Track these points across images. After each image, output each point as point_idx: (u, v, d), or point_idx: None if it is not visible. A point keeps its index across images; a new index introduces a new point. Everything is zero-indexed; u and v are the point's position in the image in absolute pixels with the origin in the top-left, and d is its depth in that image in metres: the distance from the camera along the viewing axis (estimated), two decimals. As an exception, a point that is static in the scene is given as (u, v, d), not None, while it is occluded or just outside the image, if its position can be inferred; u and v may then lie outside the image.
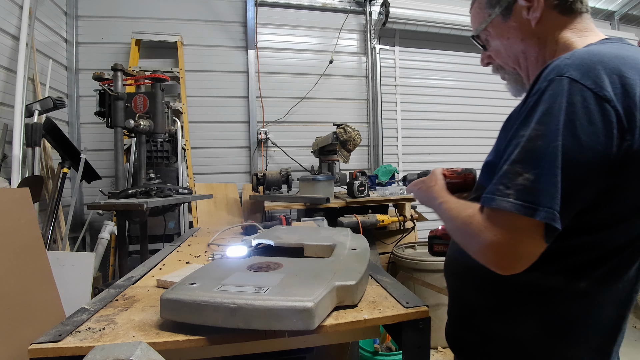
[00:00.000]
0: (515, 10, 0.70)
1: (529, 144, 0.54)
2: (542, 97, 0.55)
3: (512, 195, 0.53)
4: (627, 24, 4.59)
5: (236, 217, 3.07)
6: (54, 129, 2.29)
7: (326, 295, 0.61)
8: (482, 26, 0.77)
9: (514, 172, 0.54)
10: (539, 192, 0.51)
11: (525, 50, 0.71)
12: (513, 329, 0.66)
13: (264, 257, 0.86)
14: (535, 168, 0.52)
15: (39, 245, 1.56)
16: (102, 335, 0.59)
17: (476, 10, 0.80)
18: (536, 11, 0.67)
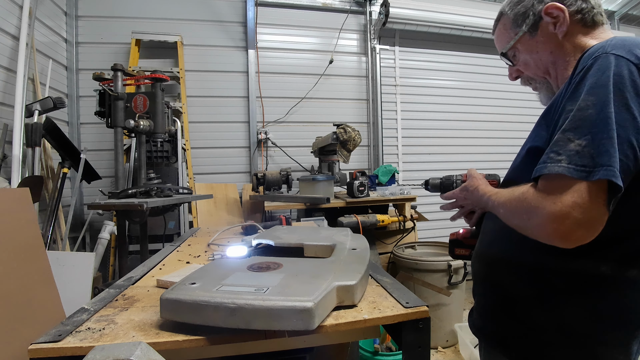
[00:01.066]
0: (541, 26, 0.76)
1: (579, 113, 0.55)
2: (588, 73, 0.57)
3: (565, 160, 0.53)
4: (627, 24, 4.59)
5: (236, 217, 3.07)
6: (54, 129, 2.29)
7: (326, 295, 0.61)
8: (510, 44, 0.81)
9: (564, 140, 0.55)
10: (593, 154, 0.52)
11: (554, 60, 0.76)
12: (560, 318, 0.65)
13: (264, 257, 0.86)
14: (587, 134, 0.53)
15: (39, 245, 1.56)
16: (102, 335, 0.59)
17: (501, 31, 0.85)
18: (562, 26, 0.72)
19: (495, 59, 3.95)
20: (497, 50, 0.89)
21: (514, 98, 4.01)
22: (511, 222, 0.65)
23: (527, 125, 4.00)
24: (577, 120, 0.55)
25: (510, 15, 0.81)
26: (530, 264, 0.66)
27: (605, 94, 0.53)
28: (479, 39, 3.70)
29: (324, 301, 0.60)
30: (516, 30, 0.80)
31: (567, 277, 0.64)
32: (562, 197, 0.53)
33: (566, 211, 0.52)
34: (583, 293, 0.63)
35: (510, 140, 4.00)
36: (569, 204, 0.52)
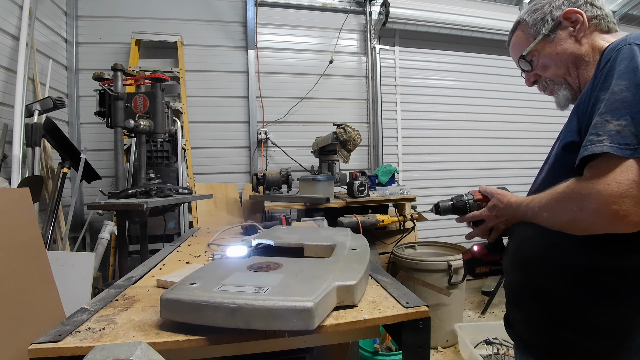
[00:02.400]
0: (560, 29, 0.80)
1: (614, 97, 0.55)
2: (615, 63, 0.59)
3: (607, 140, 0.53)
4: (627, 24, 4.59)
5: (236, 217, 3.07)
6: (54, 129, 2.29)
7: (326, 295, 0.61)
8: (531, 47, 0.84)
9: (602, 123, 0.55)
10: (635, 133, 0.52)
11: (574, 60, 0.78)
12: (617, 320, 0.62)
13: (264, 257, 0.86)
14: (626, 115, 0.53)
15: (39, 245, 1.56)
16: (102, 335, 0.59)
17: (519, 37, 0.88)
18: (582, 28, 0.77)
19: (495, 59, 3.96)
20: (513, 58, 0.91)
21: (514, 98, 4.01)
22: (559, 221, 0.62)
23: (527, 125, 4.00)
24: (612, 102, 0.55)
25: (530, 21, 0.84)
26: (577, 265, 0.64)
27: (637, 77, 0.55)
28: (479, 39, 3.70)
29: (324, 301, 0.60)
30: (535, 35, 0.83)
31: (620, 275, 0.61)
32: (615, 177, 0.51)
33: (623, 190, 0.51)
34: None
35: (510, 140, 4.00)
36: (625, 182, 0.51)
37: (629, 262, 0.60)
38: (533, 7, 0.85)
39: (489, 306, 2.98)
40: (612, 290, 0.63)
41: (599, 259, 0.63)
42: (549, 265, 0.71)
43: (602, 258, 0.63)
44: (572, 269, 0.66)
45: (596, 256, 0.64)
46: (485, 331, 2.28)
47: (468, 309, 3.07)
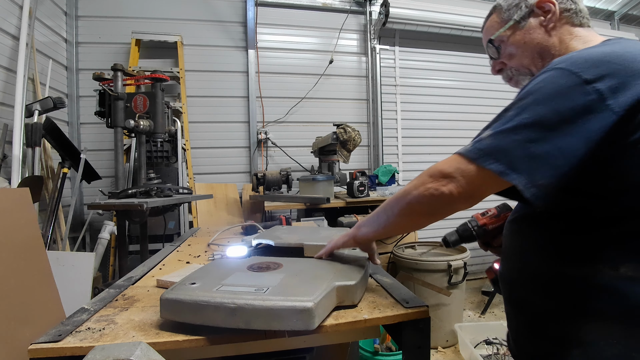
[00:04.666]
0: (532, 18, 0.78)
1: (505, 111, 0.63)
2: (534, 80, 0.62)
3: (470, 144, 0.62)
4: (627, 24, 4.59)
5: (236, 217, 3.07)
6: (54, 129, 2.29)
7: (326, 295, 0.61)
8: (500, 31, 0.82)
9: (483, 130, 0.63)
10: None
11: (541, 52, 0.77)
12: (584, 328, 0.61)
13: (264, 257, 0.86)
14: (493, 127, 0.61)
15: (39, 245, 1.56)
16: (102, 335, 0.59)
17: (491, 22, 0.86)
18: (552, 18, 0.76)
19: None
20: (484, 44, 0.90)
21: (514, 98, 4.00)
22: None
23: (527, 125, 4.00)
24: (501, 116, 0.64)
25: (504, 6, 0.83)
26: (545, 274, 0.65)
27: (532, 99, 0.59)
28: (479, 39, 3.69)
29: (324, 301, 0.60)
30: (507, 20, 0.81)
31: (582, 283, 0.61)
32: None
33: None
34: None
35: (510, 140, 3.99)
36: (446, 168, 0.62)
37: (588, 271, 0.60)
38: None
39: (489, 306, 2.98)
40: (575, 299, 0.62)
41: (562, 268, 0.64)
42: (524, 276, 0.71)
43: (564, 267, 0.64)
44: (541, 279, 0.66)
45: (559, 265, 0.64)
46: (485, 331, 2.28)
47: (468, 309, 3.07)
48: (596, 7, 4.32)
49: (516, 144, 0.56)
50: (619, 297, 0.58)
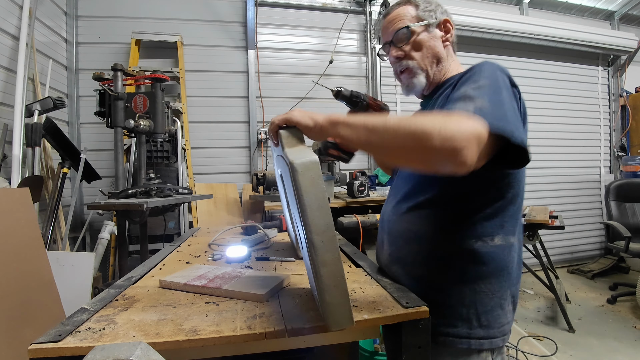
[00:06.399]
0: (437, 30, 0.93)
1: (479, 88, 0.68)
2: (480, 69, 0.75)
3: (473, 108, 0.63)
4: (627, 24, 4.59)
5: (236, 217, 3.07)
6: (54, 129, 2.29)
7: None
8: (416, 25, 0.91)
9: (470, 98, 0.66)
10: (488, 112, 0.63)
11: (437, 57, 0.92)
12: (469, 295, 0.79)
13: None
14: (485, 99, 0.65)
15: (39, 245, 1.56)
16: (102, 335, 0.59)
17: (408, 10, 0.94)
18: (448, 40, 0.94)
19: (495, 59, 3.96)
20: (387, 27, 0.96)
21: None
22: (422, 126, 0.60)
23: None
24: (478, 89, 0.68)
25: (421, 6, 0.93)
26: (446, 252, 0.80)
27: (495, 81, 0.70)
28: (479, 39, 3.70)
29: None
30: (421, 18, 0.91)
31: (472, 255, 0.78)
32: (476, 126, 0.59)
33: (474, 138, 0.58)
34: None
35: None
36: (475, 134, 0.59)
37: (475, 244, 0.77)
38: None
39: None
40: (467, 268, 0.78)
41: (459, 244, 0.78)
42: (423, 256, 0.82)
43: (460, 243, 0.78)
44: (441, 257, 0.80)
45: (457, 242, 0.79)
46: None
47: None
48: (596, 7, 4.32)
49: (511, 112, 0.65)
50: (494, 259, 0.78)
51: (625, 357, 2.19)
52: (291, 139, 0.65)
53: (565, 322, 2.59)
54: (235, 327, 0.61)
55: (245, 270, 0.91)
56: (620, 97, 4.50)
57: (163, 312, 0.69)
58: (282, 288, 0.81)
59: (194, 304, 0.73)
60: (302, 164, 0.54)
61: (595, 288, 3.48)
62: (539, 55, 4.10)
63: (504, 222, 0.80)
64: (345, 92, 0.94)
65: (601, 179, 4.48)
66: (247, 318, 0.64)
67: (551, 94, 4.18)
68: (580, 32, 3.95)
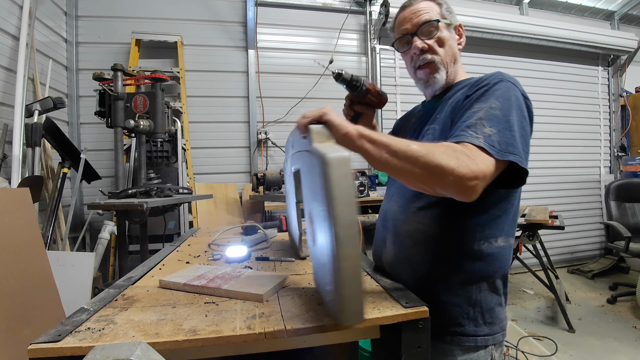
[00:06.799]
0: (454, 32, 0.96)
1: (490, 111, 0.73)
2: (493, 87, 0.77)
3: (482, 138, 0.69)
4: (627, 24, 4.59)
5: (236, 217, 3.07)
6: (54, 129, 2.29)
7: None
8: (444, 21, 0.92)
9: (480, 125, 0.71)
10: (497, 140, 0.69)
11: (454, 57, 0.96)
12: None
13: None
14: (495, 126, 0.70)
15: (39, 245, 1.56)
16: (102, 335, 0.59)
17: (435, 5, 0.94)
18: (461, 44, 0.98)
19: (495, 59, 3.97)
20: (413, 16, 0.93)
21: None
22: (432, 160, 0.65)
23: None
24: (488, 114, 0.72)
25: (444, 5, 0.95)
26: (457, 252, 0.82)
27: (508, 104, 0.74)
28: (479, 39, 3.70)
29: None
30: (444, 16, 0.93)
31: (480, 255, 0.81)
32: (484, 162, 0.66)
33: (483, 173, 0.65)
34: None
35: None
36: (485, 169, 0.66)
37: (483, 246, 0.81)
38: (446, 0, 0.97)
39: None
40: (475, 268, 0.81)
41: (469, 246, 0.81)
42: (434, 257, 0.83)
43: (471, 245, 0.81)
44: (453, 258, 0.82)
45: (468, 244, 0.81)
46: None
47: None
48: (596, 7, 4.32)
49: (518, 135, 0.71)
50: (498, 259, 0.82)
51: (625, 357, 2.19)
52: (321, 135, 0.66)
53: (565, 322, 2.59)
54: (234, 327, 0.61)
55: (245, 270, 0.91)
56: (620, 97, 4.50)
57: (163, 312, 0.69)
58: (281, 288, 0.81)
59: (194, 304, 0.73)
60: (335, 158, 0.55)
61: (595, 288, 3.48)
62: (539, 55, 4.10)
63: (506, 223, 0.83)
64: (345, 76, 0.94)
65: (601, 179, 4.48)
66: (247, 318, 0.64)
67: (551, 94, 4.18)
68: (580, 32, 3.95)
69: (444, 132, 0.83)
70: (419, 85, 0.99)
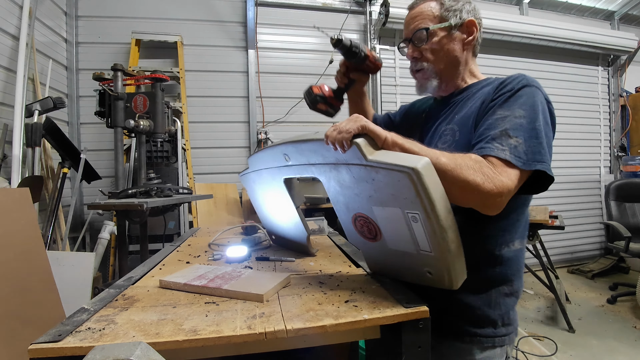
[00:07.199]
0: (459, 31, 0.90)
1: (515, 119, 0.72)
2: (517, 93, 0.76)
3: (507, 150, 0.69)
4: (627, 24, 4.59)
5: (236, 217, 3.07)
6: (54, 129, 2.29)
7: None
8: (438, 26, 0.88)
9: (505, 135, 0.71)
10: (524, 151, 0.70)
11: (454, 63, 0.91)
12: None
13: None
14: (521, 136, 0.70)
15: (39, 245, 1.56)
16: (102, 335, 0.59)
17: (432, 8, 0.90)
18: (469, 44, 0.91)
19: (495, 59, 3.96)
20: (409, 22, 0.92)
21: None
22: (458, 176, 0.67)
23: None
24: (513, 123, 0.72)
25: (446, 4, 0.89)
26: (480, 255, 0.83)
27: (533, 112, 0.73)
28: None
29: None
30: (444, 19, 0.88)
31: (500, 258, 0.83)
32: (509, 176, 0.68)
33: (508, 188, 0.68)
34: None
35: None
36: (510, 183, 0.68)
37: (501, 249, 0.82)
38: None
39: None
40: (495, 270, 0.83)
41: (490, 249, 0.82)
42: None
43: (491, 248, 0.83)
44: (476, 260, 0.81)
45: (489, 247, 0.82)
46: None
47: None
48: (596, 7, 4.32)
49: (544, 143, 0.72)
50: (515, 262, 0.84)
51: (625, 357, 2.19)
52: (370, 147, 0.67)
53: (565, 322, 2.59)
54: (235, 327, 0.61)
55: (245, 270, 0.91)
56: (620, 97, 4.50)
57: (163, 312, 0.69)
58: (282, 288, 0.81)
59: (194, 303, 0.73)
60: (423, 167, 0.59)
61: (595, 288, 3.48)
62: (539, 55, 4.10)
63: (522, 227, 0.85)
64: (345, 42, 0.93)
65: (601, 179, 4.48)
66: (247, 318, 0.64)
67: (551, 94, 4.12)
68: (580, 32, 3.96)
69: (464, 135, 0.83)
70: (416, 88, 1.00)
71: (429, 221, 0.63)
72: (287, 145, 0.83)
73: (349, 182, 0.73)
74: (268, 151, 0.95)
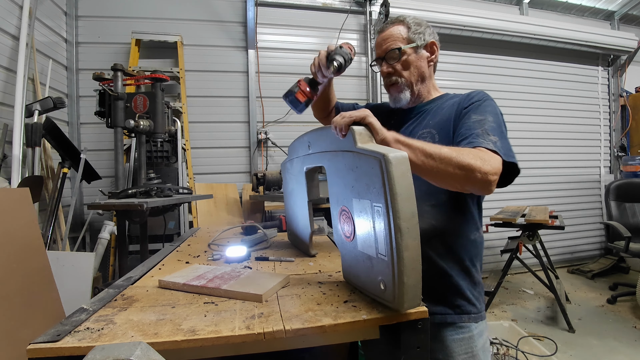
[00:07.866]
0: (424, 52, 1.07)
1: (488, 123, 0.88)
2: (484, 103, 0.95)
3: (492, 144, 0.82)
4: (627, 24, 4.59)
5: (236, 217, 3.07)
6: (54, 129, 2.29)
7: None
8: (407, 46, 1.04)
9: (486, 135, 0.85)
10: (501, 145, 0.83)
11: (422, 76, 1.07)
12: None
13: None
14: (496, 135, 0.85)
15: (39, 245, 1.56)
16: (101, 336, 0.59)
17: (400, 31, 1.06)
18: (432, 62, 1.10)
19: (495, 59, 3.96)
20: (381, 44, 1.08)
21: (514, 98, 4.01)
22: (458, 160, 0.76)
23: (526, 125, 3.98)
24: (489, 126, 0.87)
25: (412, 28, 1.06)
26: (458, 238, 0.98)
27: (497, 119, 0.91)
28: (479, 39, 3.70)
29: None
30: (411, 40, 1.05)
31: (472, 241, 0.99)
32: (497, 163, 0.79)
33: (497, 170, 0.78)
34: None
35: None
36: (498, 166, 0.79)
37: (473, 234, 0.97)
38: (415, 20, 1.09)
39: (489, 306, 2.98)
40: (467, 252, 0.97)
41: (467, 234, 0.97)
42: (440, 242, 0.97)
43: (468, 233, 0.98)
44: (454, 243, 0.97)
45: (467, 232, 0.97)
46: (485, 331, 2.27)
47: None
48: (596, 7, 4.32)
49: (508, 142, 0.87)
50: (481, 245, 1.00)
51: (625, 357, 2.19)
52: (364, 136, 0.70)
53: (565, 322, 2.59)
54: (233, 327, 0.61)
55: (244, 270, 0.91)
56: (620, 97, 4.50)
57: (162, 312, 0.69)
58: (281, 288, 0.81)
59: (193, 304, 0.73)
60: (395, 157, 0.59)
61: (595, 288, 3.48)
62: (539, 55, 4.10)
63: (480, 218, 1.01)
64: (342, 63, 0.99)
65: (601, 179, 4.48)
66: (246, 318, 0.64)
67: (551, 94, 4.18)
68: (580, 32, 3.95)
69: (444, 137, 0.95)
70: (390, 100, 1.13)
71: (387, 216, 0.60)
72: (311, 133, 0.90)
73: (342, 170, 0.75)
74: (299, 139, 1.00)
